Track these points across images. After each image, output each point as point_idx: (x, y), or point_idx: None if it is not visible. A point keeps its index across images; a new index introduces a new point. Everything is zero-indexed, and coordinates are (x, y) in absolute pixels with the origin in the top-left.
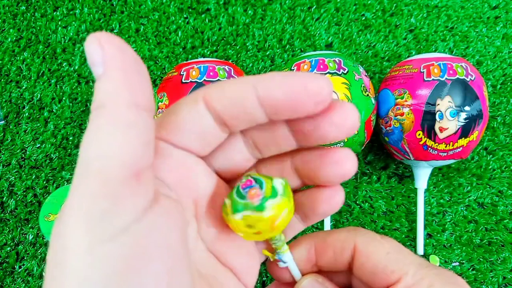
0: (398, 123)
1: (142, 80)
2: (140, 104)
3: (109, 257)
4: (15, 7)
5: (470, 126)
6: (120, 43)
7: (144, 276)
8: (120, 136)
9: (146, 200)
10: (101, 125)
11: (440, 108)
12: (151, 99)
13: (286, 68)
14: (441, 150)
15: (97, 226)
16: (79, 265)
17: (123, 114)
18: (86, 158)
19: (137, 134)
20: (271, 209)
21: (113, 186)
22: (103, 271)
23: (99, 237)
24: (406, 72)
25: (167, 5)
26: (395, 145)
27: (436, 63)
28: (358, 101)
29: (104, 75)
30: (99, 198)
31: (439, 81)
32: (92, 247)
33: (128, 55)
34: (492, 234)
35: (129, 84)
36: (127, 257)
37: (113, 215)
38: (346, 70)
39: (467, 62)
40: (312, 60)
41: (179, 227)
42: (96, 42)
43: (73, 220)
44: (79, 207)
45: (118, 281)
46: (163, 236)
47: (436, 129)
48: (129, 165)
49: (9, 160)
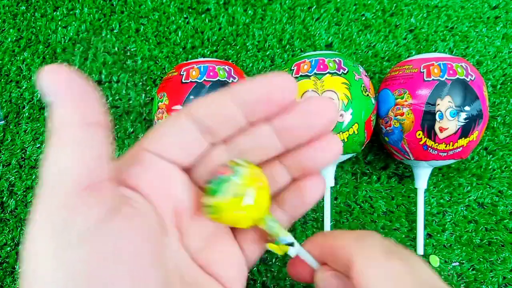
0: (398, 123)
1: (90, 100)
2: (91, 121)
3: (71, 262)
4: (15, 7)
5: (470, 126)
6: (68, 72)
7: (105, 280)
8: (71, 153)
9: (103, 209)
10: (55, 146)
11: (440, 108)
12: (101, 116)
13: (286, 68)
14: (441, 150)
15: (59, 234)
16: (45, 270)
17: (73, 133)
18: (44, 176)
19: (88, 150)
20: (229, 191)
21: (68, 199)
22: (66, 275)
23: (61, 244)
24: (406, 72)
25: (167, 5)
26: (395, 145)
27: (436, 63)
28: (358, 101)
29: (56, 103)
30: (57, 210)
31: (439, 81)
32: (56, 253)
33: (75, 81)
34: (492, 234)
35: (78, 106)
36: (88, 262)
37: (71, 224)
38: (346, 70)
39: (467, 62)
40: (312, 60)
41: (145, 234)
42: (47, 76)
43: (38, 231)
44: (41, 220)
45: (81, 285)
46: (124, 242)
47: (436, 129)
48: (82, 179)
49: (9, 160)
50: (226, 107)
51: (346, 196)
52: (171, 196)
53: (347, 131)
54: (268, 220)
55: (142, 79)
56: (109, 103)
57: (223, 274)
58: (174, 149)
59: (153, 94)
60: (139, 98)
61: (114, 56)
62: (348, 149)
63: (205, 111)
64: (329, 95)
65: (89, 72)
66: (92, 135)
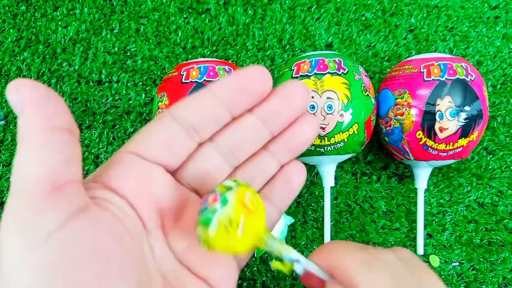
0: (398, 123)
1: (54, 106)
2: (56, 126)
3: (39, 262)
4: (15, 7)
5: (470, 126)
6: (33, 83)
7: (72, 279)
8: (36, 157)
9: (69, 210)
10: (22, 151)
11: (440, 108)
12: (67, 120)
13: (286, 68)
14: (441, 150)
15: (25, 237)
16: (14, 270)
17: (37, 138)
18: (12, 180)
19: (52, 154)
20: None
21: (34, 201)
22: (33, 277)
23: (29, 244)
24: (406, 72)
25: (167, 5)
26: (395, 145)
27: (436, 63)
28: (358, 101)
29: (21, 112)
30: (23, 213)
31: (439, 81)
32: (24, 254)
33: (39, 89)
34: (492, 234)
35: (41, 111)
36: (54, 261)
37: (36, 226)
38: (346, 70)
39: (467, 62)
40: (312, 60)
41: (117, 236)
42: (13, 89)
43: (6, 235)
44: (9, 223)
45: (48, 284)
46: (91, 242)
47: (436, 129)
48: (47, 181)
49: (9, 160)
50: (209, 104)
51: (346, 196)
52: (153, 196)
53: (347, 131)
54: (268, 240)
55: (142, 79)
56: (109, 103)
57: (211, 274)
58: (158, 150)
59: (153, 94)
60: (139, 98)
61: (114, 56)
62: (348, 149)
63: (188, 110)
64: (329, 95)
65: (89, 72)
66: (56, 139)
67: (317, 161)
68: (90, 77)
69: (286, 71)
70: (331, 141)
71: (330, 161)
